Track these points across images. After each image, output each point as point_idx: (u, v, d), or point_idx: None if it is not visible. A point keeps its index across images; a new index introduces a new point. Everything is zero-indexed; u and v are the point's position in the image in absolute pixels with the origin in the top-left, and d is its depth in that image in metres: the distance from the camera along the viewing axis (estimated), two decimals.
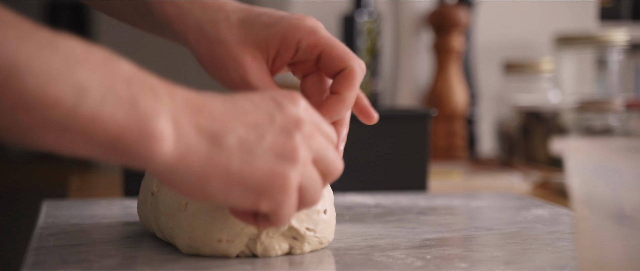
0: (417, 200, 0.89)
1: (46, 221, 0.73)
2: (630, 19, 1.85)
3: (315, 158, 0.54)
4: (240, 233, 0.57)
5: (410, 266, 0.56)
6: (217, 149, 0.50)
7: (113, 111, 0.46)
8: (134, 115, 0.47)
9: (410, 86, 1.57)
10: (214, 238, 0.58)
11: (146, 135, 0.47)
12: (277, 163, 0.52)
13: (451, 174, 1.22)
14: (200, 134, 0.50)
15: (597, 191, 0.45)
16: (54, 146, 0.47)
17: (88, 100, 0.45)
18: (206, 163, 0.50)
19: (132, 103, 0.47)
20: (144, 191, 0.66)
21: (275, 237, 0.58)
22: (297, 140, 0.53)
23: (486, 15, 1.62)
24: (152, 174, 0.65)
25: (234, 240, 0.58)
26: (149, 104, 0.48)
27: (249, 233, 0.58)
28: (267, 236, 0.58)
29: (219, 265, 0.56)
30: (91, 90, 0.46)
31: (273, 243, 0.58)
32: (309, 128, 0.54)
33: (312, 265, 0.57)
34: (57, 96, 0.45)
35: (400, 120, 0.97)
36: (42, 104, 0.45)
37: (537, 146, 1.33)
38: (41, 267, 0.55)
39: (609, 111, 1.25)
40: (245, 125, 0.52)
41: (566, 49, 1.49)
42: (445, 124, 1.46)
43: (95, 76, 0.46)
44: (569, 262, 0.59)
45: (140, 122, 0.47)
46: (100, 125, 0.46)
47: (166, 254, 0.59)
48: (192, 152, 0.49)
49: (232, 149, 0.51)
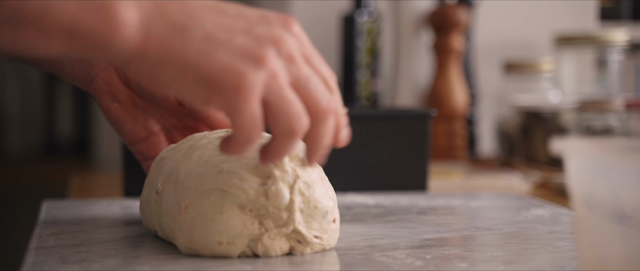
0: (417, 200, 0.89)
1: (46, 221, 0.73)
2: (630, 19, 1.85)
3: (295, 84, 0.51)
4: (240, 234, 0.57)
5: (410, 266, 0.56)
6: (178, 38, 0.49)
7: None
8: (92, 2, 0.47)
9: (410, 86, 1.57)
10: (214, 240, 0.58)
11: (107, 20, 0.47)
12: (237, 61, 0.49)
13: (451, 174, 1.22)
14: (164, 22, 0.49)
15: (597, 191, 0.45)
16: (14, 45, 0.47)
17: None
18: (163, 49, 0.48)
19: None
20: (147, 189, 0.66)
21: (276, 239, 0.58)
22: (269, 52, 0.50)
23: (486, 15, 1.62)
24: (157, 171, 0.65)
25: (235, 242, 0.58)
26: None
27: (249, 234, 0.57)
28: (268, 238, 0.58)
29: (219, 265, 0.56)
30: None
31: (274, 244, 0.58)
32: (290, 50, 0.51)
33: (312, 265, 0.57)
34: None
35: (400, 120, 0.97)
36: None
37: (537, 146, 1.33)
38: (41, 267, 0.55)
39: (609, 111, 1.25)
40: (218, 24, 0.50)
41: (566, 49, 1.49)
42: (445, 124, 1.46)
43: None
44: (569, 262, 0.59)
45: (102, 8, 0.47)
46: (52, 15, 0.46)
47: (166, 254, 0.59)
48: (153, 38, 0.48)
49: (194, 39, 0.49)
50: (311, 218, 0.59)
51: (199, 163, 0.60)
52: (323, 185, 0.61)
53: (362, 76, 1.43)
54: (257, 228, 0.57)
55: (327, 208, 0.60)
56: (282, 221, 0.58)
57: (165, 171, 0.63)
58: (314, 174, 0.60)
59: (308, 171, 0.60)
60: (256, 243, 0.58)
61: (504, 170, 1.35)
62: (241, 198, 0.57)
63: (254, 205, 0.57)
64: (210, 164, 0.59)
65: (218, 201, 0.57)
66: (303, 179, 0.59)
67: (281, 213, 0.58)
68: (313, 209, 0.59)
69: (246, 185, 0.57)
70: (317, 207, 0.59)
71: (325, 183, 0.62)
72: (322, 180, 0.61)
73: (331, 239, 0.61)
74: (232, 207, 0.57)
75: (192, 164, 0.61)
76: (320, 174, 0.62)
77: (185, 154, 0.63)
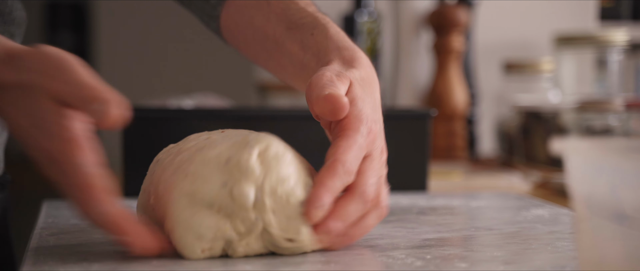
0: (417, 200, 0.89)
1: (46, 221, 0.73)
2: (630, 19, 1.85)
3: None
4: (215, 237, 0.57)
5: (410, 266, 0.56)
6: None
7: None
8: None
9: (410, 86, 1.57)
10: (197, 249, 0.57)
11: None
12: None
13: (451, 174, 1.23)
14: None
15: (597, 191, 0.45)
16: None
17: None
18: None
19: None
20: (143, 196, 0.65)
21: (251, 243, 0.57)
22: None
23: (486, 15, 1.62)
24: (150, 176, 0.64)
25: (213, 246, 0.57)
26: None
27: (222, 236, 0.57)
28: (240, 242, 0.57)
29: (219, 265, 0.56)
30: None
31: (248, 249, 0.58)
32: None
33: (312, 265, 0.57)
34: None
35: (400, 120, 0.97)
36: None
37: (537, 146, 1.33)
38: (41, 267, 0.55)
39: (609, 111, 1.25)
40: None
41: (566, 49, 1.49)
42: (445, 124, 1.46)
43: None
44: (569, 262, 0.59)
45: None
46: None
47: (166, 254, 0.59)
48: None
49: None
50: (287, 218, 0.57)
51: (176, 170, 0.59)
52: (300, 178, 0.59)
53: None
54: (229, 229, 0.57)
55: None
56: (250, 222, 0.57)
57: (154, 178, 0.63)
58: (290, 167, 0.58)
59: (284, 164, 0.58)
60: (230, 246, 0.57)
61: (504, 170, 1.35)
62: (206, 199, 0.56)
63: (220, 205, 0.56)
64: (181, 170, 0.59)
65: (188, 205, 0.57)
66: (274, 176, 0.57)
67: (248, 213, 0.56)
68: (287, 206, 0.57)
69: (209, 185, 0.57)
70: (290, 202, 0.57)
71: (303, 177, 0.59)
72: (299, 172, 0.59)
73: (309, 241, 0.58)
74: (201, 209, 0.57)
75: (169, 173, 0.60)
76: (298, 166, 0.59)
77: (170, 161, 0.62)
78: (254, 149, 0.58)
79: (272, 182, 0.57)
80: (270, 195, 0.57)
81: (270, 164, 0.57)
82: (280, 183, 0.57)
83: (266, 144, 0.58)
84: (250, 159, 0.57)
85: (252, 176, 0.57)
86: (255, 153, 0.57)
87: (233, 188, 0.56)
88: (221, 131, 0.65)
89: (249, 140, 0.58)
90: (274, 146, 0.59)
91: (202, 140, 0.62)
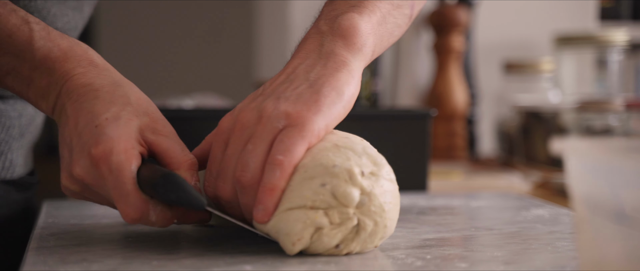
0: (417, 200, 0.89)
1: (46, 221, 0.73)
2: (630, 19, 1.85)
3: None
4: (304, 226, 0.57)
5: (410, 266, 0.56)
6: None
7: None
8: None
9: (410, 86, 1.57)
10: (289, 245, 0.57)
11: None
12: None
13: (451, 174, 1.23)
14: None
15: (597, 191, 0.45)
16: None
17: None
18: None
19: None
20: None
21: (336, 236, 0.58)
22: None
23: (486, 15, 1.62)
24: None
25: (303, 236, 0.57)
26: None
27: (312, 223, 0.57)
28: (330, 232, 0.57)
29: (219, 265, 0.56)
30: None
31: (332, 240, 0.58)
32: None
33: (312, 265, 0.57)
34: None
35: (400, 120, 0.97)
36: None
37: (537, 146, 1.33)
38: (41, 267, 0.55)
39: (609, 111, 1.25)
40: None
41: (566, 49, 1.49)
42: (445, 124, 1.46)
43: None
44: (569, 262, 0.59)
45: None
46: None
47: (166, 254, 0.59)
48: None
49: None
50: (371, 235, 0.59)
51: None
52: (396, 205, 0.60)
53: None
54: (321, 216, 0.57)
55: (390, 231, 0.60)
56: (347, 216, 0.57)
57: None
58: (394, 191, 0.60)
59: (387, 184, 0.59)
60: (317, 232, 0.57)
61: (504, 170, 1.35)
62: (298, 203, 0.57)
63: (314, 202, 0.57)
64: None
65: (278, 211, 0.58)
66: (383, 192, 0.59)
67: (348, 209, 0.57)
68: (382, 227, 0.59)
69: (304, 191, 0.57)
70: (386, 226, 0.59)
71: (397, 203, 0.61)
72: (396, 199, 0.61)
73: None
74: (291, 211, 0.57)
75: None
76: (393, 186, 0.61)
77: None
78: (364, 160, 0.59)
79: (379, 196, 0.58)
80: (374, 204, 0.58)
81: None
82: (384, 201, 0.59)
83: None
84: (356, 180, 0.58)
85: (359, 185, 0.58)
86: (368, 169, 0.59)
87: (336, 188, 0.57)
88: None
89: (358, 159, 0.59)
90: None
91: None
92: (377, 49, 0.68)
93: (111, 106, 0.61)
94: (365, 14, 0.66)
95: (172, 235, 0.66)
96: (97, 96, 0.62)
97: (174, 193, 0.58)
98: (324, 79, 0.62)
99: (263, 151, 0.59)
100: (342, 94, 0.61)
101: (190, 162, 0.62)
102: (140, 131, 0.61)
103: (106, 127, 0.60)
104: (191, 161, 0.62)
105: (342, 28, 0.65)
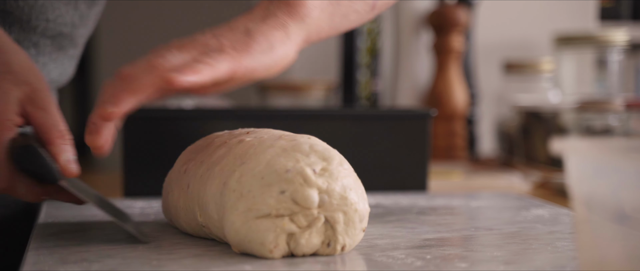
0: (417, 200, 0.89)
1: (46, 221, 0.73)
2: (630, 19, 1.85)
3: None
4: (276, 235, 0.57)
5: (410, 266, 0.56)
6: None
7: None
8: None
9: (410, 86, 1.57)
10: (266, 253, 0.57)
11: None
12: None
13: (451, 174, 1.23)
14: None
15: (597, 191, 0.45)
16: None
17: None
18: None
19: None
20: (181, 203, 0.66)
21: (311, 235, 0.58)
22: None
23: (486, 15, 1.62)
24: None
25: (278, 243, 0.57)
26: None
27: (282, 231, 0.57)
28: (302, 235, 0.58)
29: (219, 265, 0.56)
30: None
31: (309, 242, 0.58)
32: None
33: (311, 265, 0.57)
34: None
35: (400, 120, 0.97)
36: None
37: (537, 146, 1.33)
38: (41, 267, 0.55)
39: (609, 111, 1.25)
40: None
41: (566, 49, 1.49)
42: (445, 124, 1.46)
43: None
44: (569, 262, 0.59)
45: None
46: None
47: (166, 254, 0.59)
48: None
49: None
50: (347, 225, 0.59)
51: (223, 188, 0.60)
52: (358, 187, 0.61)
53: (362, 76, 1.43)
54: (288, 222, 0.57)
55: (364, 213, 0.60)
56: (312, 217, 0.58)
57: (192, 193, 0.64)
58: (350, 177, 0.60)
59: (342, 173, 0.59)
60: (293, 238, 0.58)
61: (504, 170, 1.35)
62: (263, 210, 0.57)
63: (278, 210, 0.57)
64: (228, 188, 0.59)
65: (244, 222, 0.57)
66: (339, 183, 0.59)
67: (311, 211, 0.58)
68: (353, 213, 0.59)
69: (265, 198, 0.57)
70: (357, 210, 0.59)
71: (359, 185, 0.61)
72: (357, 182, 0.61)
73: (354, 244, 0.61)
74: (257, 219, 0.57)
75: (214, 190, 0.61)
76: (355, 177, 0.61)
77: (208, 172, 0.63)
78: (312, 158, 0.59)
79: (337, 186, 0.58)
80: (335, 198, 0.58)
81: (332, 175, 0.59)
82: (343, 186, 0.59)
83: (324, 157, 0.60)
84: (311, 172, 0.58)
85: (315, 185, 0.58)
86: (319, 166, 0.59)
87: (295, 194, 0.57)
88: (246, 131, 0.66)
89: (302, 146, 0.60)
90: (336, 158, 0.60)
91: (233, 143, 0.63)
92: (325, 26, 0.71)
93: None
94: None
95: (172, 235, 0.67)
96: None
97: (30, 164, 0.61)
98: (260, 31, 0.65)
99: (186, 57, 0.61)
100: (273, 47, 0.65)
101: (63, 137, 0.64)
102: (19, 102, 0.63)
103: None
104: (63, 136, 0.64)
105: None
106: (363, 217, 0.60)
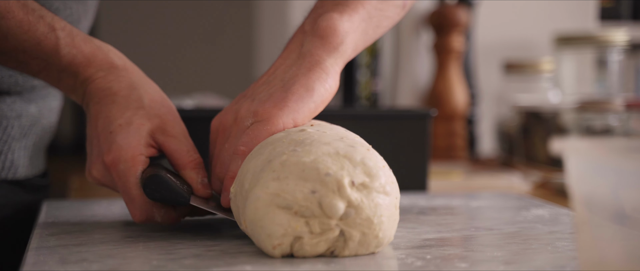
0: (417, 200, 0.89)
1: (46, 221, 0.73)
2: (630, 19, 1.85)
3: None
4: (284, 233, 0.57)
5: (410, 266, 0.56)
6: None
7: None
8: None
9: (410, 86, 1.57)
10: (269, 246, 0.57)
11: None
12: None
13: (451, 174, 1.23)
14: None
15: (597, 191, 0.45)
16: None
17: None
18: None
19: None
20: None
21: (319, 245, 0.58)
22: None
23: (486, 15, 1.62)
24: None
25: (283, 242, 0.57)
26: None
27: (292, 233, 0.57)
28: (309, 241, 0.57)
29: (219, 265, 0.56)
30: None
31: (314, 248, 0.58)
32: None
33: (311, 265, 0.57)
34: None
35: (400, 120, 0.97)
36: None
37: (537, 146, 1.33)
38: (41, 267, 0.55)
39: (609, 111, 1.25)
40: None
41: (566, 49, 1.49)
42: (445, 124, 1.46)
43: None
44: (569, 262, 0.59)
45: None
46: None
47: (166, 254, 0.59)
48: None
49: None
50: (361, 245, 0.58)
51: (265, 166, 0.60)
52: (391, 217, 0.60)
53: (362, 76, 1.43)
54: (302, 225, 0.57)
55: (383, 243, 0.60)
56: (328, 227, 0.57)
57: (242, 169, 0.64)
58: (389, 204, 0.59)
59: (381, 196, 0.59)
60: (298, 241, 0.57)
61: (504, 170, 1.35)
62: (287, 201, 0.57)
63: (299, 208, 0.57)
64: (270, 168, 0.59)
65: (265, 204, 0.57)
66: (374, 203, 0.58)
67: (331, 221, 0.57)
68: (372, 239, 0.58)
69: (296, 191, 0.57)
70: (377, 237, 0.59)
71: (395, 217, 0.60)
72: (393, 212, 0.60)
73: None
74: (277, 209, 0.57)
75: (258, 165, 0.61)
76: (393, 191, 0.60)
77: (259, 152, 0.63)
78: (358, 170, 0.58)
79: (367, 202, 0.58)
80: (361, 216, 0.57)
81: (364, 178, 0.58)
82: (375, 204, 0.58)
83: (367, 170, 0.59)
84: (347, 186, 0.57)
85: (347, 197, 0.57)
86: (359, 180, 0.58)
87: (323, 198, 0.57)
88: (311, 123, 0.67)
89: (354, 158, 0.59)
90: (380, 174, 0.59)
91: (294, 130, 0.63)
92: (360, 43, 0.72)
93: (125, 111, 0.68)
94: (346, 13, 0.70)
95: (172, 235, 0.67)
96: (114, 101, 0.68)
97: (158, 193, 0.65)
98: (296, 79, 0.67)
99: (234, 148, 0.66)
100: (311, 91, 0.66)
101: (195, 162, 0.68)
102: (151, 133, 0.68)
103: (118, 135, 0.66)
104: (195, 161, 0.68)
105: (321, 28, 0.69)
106: (380, 245, 0.59)
